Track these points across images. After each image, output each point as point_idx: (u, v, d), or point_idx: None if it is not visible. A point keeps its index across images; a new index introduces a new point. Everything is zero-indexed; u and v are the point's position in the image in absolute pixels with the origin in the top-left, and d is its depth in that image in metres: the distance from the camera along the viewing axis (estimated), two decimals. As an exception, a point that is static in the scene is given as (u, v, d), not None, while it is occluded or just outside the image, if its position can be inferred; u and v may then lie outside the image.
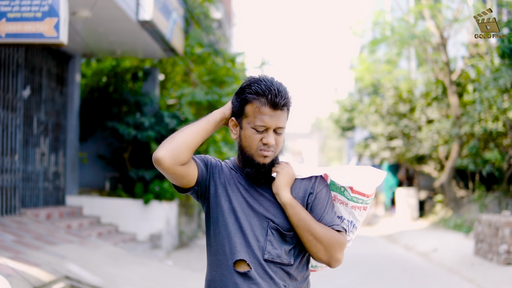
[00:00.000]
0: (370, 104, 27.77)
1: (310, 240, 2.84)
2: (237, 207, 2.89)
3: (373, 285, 11.62)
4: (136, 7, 12.13)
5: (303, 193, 2.93)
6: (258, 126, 2.82)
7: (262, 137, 2.83)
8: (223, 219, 2.89)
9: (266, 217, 2.88)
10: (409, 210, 26.85)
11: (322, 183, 2.98)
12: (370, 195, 3.01)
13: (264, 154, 2.84)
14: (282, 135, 2.89)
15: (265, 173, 2.88)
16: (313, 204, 2.92)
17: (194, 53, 17.04)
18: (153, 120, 14.93)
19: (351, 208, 3.02)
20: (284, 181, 2.87)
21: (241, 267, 2.83)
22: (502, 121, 19.05)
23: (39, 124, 13.20)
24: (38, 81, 13.08)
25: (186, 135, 2.79)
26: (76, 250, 10.36)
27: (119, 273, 9.74)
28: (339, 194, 3.05)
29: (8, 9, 7.21)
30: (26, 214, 11.85)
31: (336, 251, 2.86)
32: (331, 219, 2.92)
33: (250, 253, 2.84)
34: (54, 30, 7.19)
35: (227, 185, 2.94)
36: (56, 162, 14.11)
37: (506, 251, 12.34)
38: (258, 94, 2.80)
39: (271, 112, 2.80)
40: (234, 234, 2.86)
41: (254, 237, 2.86)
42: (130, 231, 14.45)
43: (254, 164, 2.86)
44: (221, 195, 2.93)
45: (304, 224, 2.84)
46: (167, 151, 2.73)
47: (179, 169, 2.77)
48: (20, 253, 8.87)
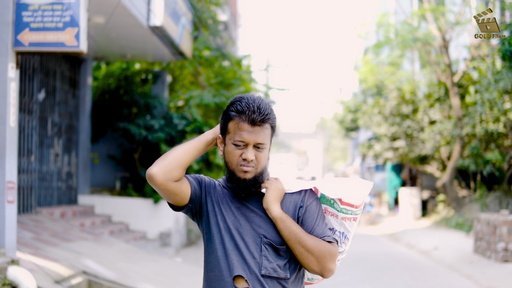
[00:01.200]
0: (374, 105, 28.15)
1: (302, 252, 2.91)
2: (230, 225, 2.96)
3: (375, 281, 12.07)
4: (147, 14, 12.58)
5: (293, 207, 3.00)
6: (238, 141, 2.89)
7: (242, 152, 2.91)
8: (220, 236, 2.97)
9: (258, 233, 2.95)
10: (412, 210, 27.24)
11: (311, 196, 3.05)
12: (359, 205, 3.06)
13: (244, 169, 2.90)
14: (264, 151, 2.94)
15: (246, 188, 2.94)
16: (304, 217, 2.99)
17: (202, 56, 17.50)
18: (162, 122, 15.39)
19: (341, 219, 3.09)
20: (274, 196, 2.95)
21: (239, 283, 2.90)
22: (503, 122, 19.43)
23: (53, 126, 13.68)
24: (52, 84, 13.55)
25: (178, 153, 2.90)
26: (91, 247, 10.85)
27: (132, 268, 10.21)
28: (329, 207, 3.11)
29: (31, 19, 7.67)
30: (41, 212, 12.34)
31: (327, 262, 2.92)
32: (322, 230, 2.99)
33: (247, 270, 2.90)
34: (74, 39, 7.65)
35: (221, 204, 3.01)
36: (69, 163, 14.59)
37: (503, 249, 12.78)
38: (238, 112, 2.89)
39: (250, 128, 2.88)
40: (231, 252, 2.93)
41: (250, 253, 2.92)
42: (141, 229, 14.92)
43: (235, 179, 2.94)
44: (217, 214, 3.00)
45: (295, 237, 2.90)
46: (159, 167, 2.84)
47: (171, 186, 2.88)
48: (39, 249, 9.36)
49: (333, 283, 11.63)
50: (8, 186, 7.63)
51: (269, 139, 2.97)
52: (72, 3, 7.66)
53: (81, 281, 8.72)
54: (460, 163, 21.65)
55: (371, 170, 44.42)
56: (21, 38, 7.65)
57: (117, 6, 11.00)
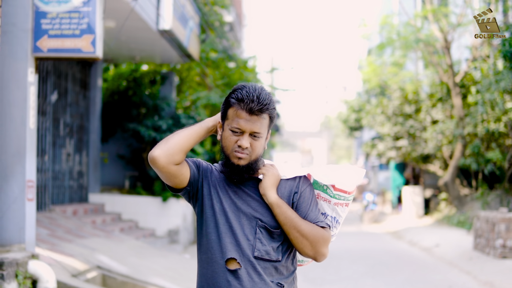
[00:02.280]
0: (377, 105, 28.50)
1: (297, 237, 3.00)
2: (227, 208, 3.05)
3: (377, 276, 12.48)
4: (157, 18, 12.99)
5: (288, 193, 3.10)
6: (234, 128, 2.98)
7: (238, 139, 2.99)
8: (215, 219, 3.06)
9: (254, 216, 3.04)
10: (415, 208, 27.59)
11: (306, 182, 3.16)
12: (351, 192, 3.16)
13: (238, 155, 2.99)
14: (260, 140, 3.02)
15: (239, 174, 3.03)
16: (298, 203, 3.09)
17: (208, 58, 17.94)
18: (170, 122, 15.82)
19: (334, 205, 3.19)
20: (270, 182, 3.04)
21: (231, 265, 3.00)
22: (504, 122, 19.77)
23: (65, 126, 14.12)
24: (64, 86, 13.98)
25: (180, 138, 2.99)
26: (103, 243, 11.28)
27: (143, 264, 10.65)
28: (322, 192, 3.21)
29: (50, 27, 8.09)
30: (55, 210, 12.78)
31: (321, 246, 3.03)
32: (316, 216, 3.08)
33: (240, 252, 3.00)
34: (91, 46, 8.08)
35: (218, 187, 3.10)
36: (80, 162, 15.02)
37: (501, 245, 13.19)
38: (238, 99, 2.97)
39: (247, 117, 2.96)
40: (224, 234, 3.02)
41: (244, 236, 3.01)
42: (150, 226, 15.34)
43: (229, 164, 3.03)
44: (213, 196, 3.09)
45: (290, 222, 3.00)
46: (162, 150, 2.93)
47: (172, 168, 2.96)
48: (55, 245, 9.80)
49: (337, 278, 12.04)
50: (28, 184, 8.07)
51: (266, 129, 3.05)
52: (89, 11, 8.09)
53: (96, 275, 9.16)
54: (461, 162, 22.00)
55: (375, 169, 44.80)
56: (40, 45, 8.08)
57: (130, 12, 11.41)
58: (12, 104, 7.95)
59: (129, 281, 9.26)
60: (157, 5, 12.91)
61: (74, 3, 8.10)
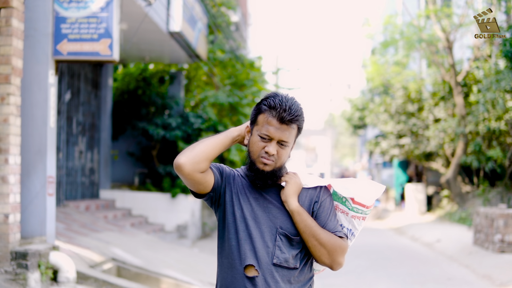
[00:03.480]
0: (381, 103, 28.91)
1: (315, 245, 3.03)
2: (248, 215, 3.09)
3: (379, 270, 12.94)
4: (167, 20, 13.45)
5: (309, 201, 3.13)
6: (263, 135, 3.00)
7: (265, 145, 3.02)
8: (235, 226, 3.09)
9: (275, 223, 3.07)
10: (418, 205, 27.99)
11: (326, 192, 3.19)
12: (370, 206, 3.17)
13: (264, 161, 3.02)
14: (287, 149, 3.07)
15: (263, 179, 3.07)
16: (318, 212, 3.12)
17: (216, 58, 18.42)
18: (179, 121, 16.30)
19: (351, 217, 3.21)
20: (293, 190, 3.08)
21: (250, 272, 3.02)
22: (505, 121, 20.16)
23: (78, 125, 14.59)
24: (77, 85, 14.45)
25: (206, 146, 3.02)
26: (116, 237, 11.77)
27: (155, 256, 11.13)
28: (341, 204, 3.23)
29: (69, 31, 8.57)
30: (69, 205, 13.27)
31: (338, 255, 3.06)
32: (334, 226, 3.12)
33: (259, 259, 3.02)
34: (108, 49, 8.55)
35: (239, 194, 3.13)
36: (91, 159, 15.50)
37: (500, 240, 13.65)
38: (270, 107, 3.00)
39: (278, 125, 2.99)
40: (244, 241, 3.05)
41: (264, 243, 3.04)
42: (159, 222, 15.81)
43: (254, 168, 3.06)
44: (234, 203, 3.12)
45: (309, 230, 3.03)
46: (187, 158, 2.97)
47: (197, 176, 3.00)
48: (72, 238, 10.28)
49: (340, 271, 12.46)
50: (48, 180, 8.55)
51: (293, 138, 3.09)
52: (106, 17, 8.56)
53: (111, 267, 9.64)
54: (463, 160, 22.38)
55: (378, 167, 45.17)
56: (60, 48, 8.56)
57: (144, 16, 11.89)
58: (34, 104, 8.43)
59: (142, 273, 9.73)
60: (168, 8, 13.36)
61: (92, 8, 8.58)
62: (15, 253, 7.48)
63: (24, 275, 7.45)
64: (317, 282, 10.20)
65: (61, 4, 8.57)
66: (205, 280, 10.14)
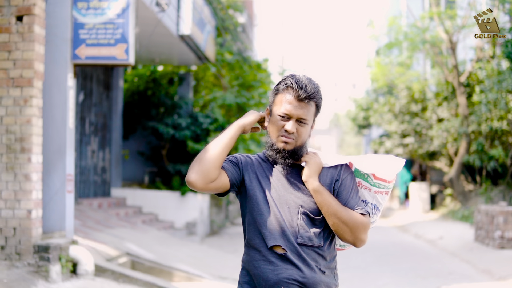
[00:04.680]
0: (385, 103, 29.26)
1: (337, 223, 3.07)
2: (270, 196, 3.13)
3: (383, 265, 13.38)
4: (177, 24, 13.90)
5: (330, 180, 3.17)
6: (282, 113, 3.07)
7: (284, 124, 3.08)
8: (259, 208, 3.14)
9: (297, 203, 3.11)
10: (421, 203, 28.35)
11: (347, 170, 3.23)
12: (391, 180, 3.23)
13: (284, 140, 3.08)
14: (306, 127, 3.12)
15: (284, 158, 3.12)
16: (339, 190, 3.16)
17: (224, 60, 18.90)
18: (189, 121, 16.77)
19: (374, 193, 3.27)
20: (313, 169, 3.11)
21: (277, 250, 3.09)
22: (507, 120, 20.51)
23: (90, 125, 15.06)
24: (89, 87, 14.92)
25: (213, 154, 3.07)
26: (129, 233, 12.24)
27: (167, 251, 11.60)
28: (363, 180, 3.29)
29: (87, 36, 9.03)
30: (82, 203, 13.73)
31: (360, 232, 3.11)
32: (356, 203, 3.16)
33: (285, 238, 3.07)
34: (124, 54, 9.01)
35: (260, 177, 3.19)
36: (103, 158, 15.96)
37: (500, 237, 14.07)
38: (287, 86, 3.09)
39: (295, 103, 3.06)
40: (269, 222, 3.10)
41: (288, 223, 3.09)
42: (169, 219, 16.26)
43: (275, 148, 3.11)
44: (255, 187, 3.18)
45: (331, 209, 3.07)
46: (197, 174, 3.03)
47: (212, 186, 3.08)
48: (88, 234, 10.74)
49: (346, 267, 12.90)
50: (67, 178, 9.02)
51: (312, 116, 3.15)
52: (122, 23, 9.02)
53: (126, 261, 10.10)
54: (466, 159, 22.72)
55: (383, 166, 45.44)
56: (78, 52, 9.02)
57: (155, 21, 12.35)
58: (54, 106, 8.90)
59: (155, 266, 10.19)
60: (178, 11, 13.81)
61: (109, 15, 9.04)
62: (38, 247, 7.94)
63: (46, 267, 7.91)
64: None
65: (79, 10, 9.03)
66: (215, 274, 10.60)
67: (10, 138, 7.91)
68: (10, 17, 7.99)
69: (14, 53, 7.98)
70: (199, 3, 14.87)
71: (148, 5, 11.60)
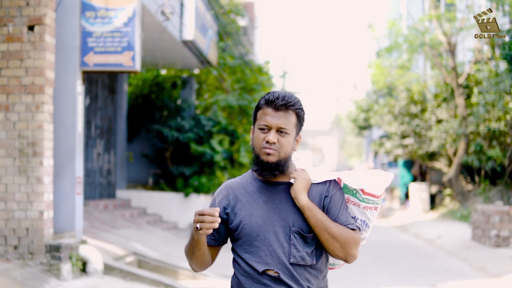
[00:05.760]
0: (385, 105, 29.58)
1: (328, 239, 3.02)
2: (260, 219, 3.08)
3: (382, 264, 13.75)
4: (180, 29, 14.28)
5: (319, 197, 3.11)
6: (262, 125, 3.05)
7: (265, 136, 3.05)
8: (247, 237, 3.10)
9: (287, 223, 3.07)
10: (421, 203, 28.67)
11: (336, 186, 3.17)
12: (380, 195, 3.18)
13: (266, 151, 3.03)
14: (287, 137, 3.07)
15: (269, 171, 3.07)
16: (329, 206, 3.10)
17: (226, 64, 19.31)
18: (192, 123, 17.16)
19: (363, 208, 3.21)
20: (302, 186, 3.06)
21: (270, 273, 3.04)
22: (504, 121, 20.86)
23: (96, 128, 15.43)
24: (95, 91, 15.29)
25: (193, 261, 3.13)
26: (135, 233, 12.62)
27: (172, 251, 11.98)
28: (352, 196, 3.22)
29: (95, 44, 9.41)
30: (89, 205, 14.10)
31: (351, 248, 3.05)
32: (346, 218, 3.11)
33: (277, 260, 3.03)
34: (131, 61, 9.39)
35: (246, 204, 3.14)
36: (108, 161, 16.34)
37: (495, 235, 14.46)
38: (265, 100, 3.08)
39: (273, 113, 3.03)
40: (259, 248, 3.07)
41: (279, 243, 3.05)
42: (173, 220, 16.65)
43: (259, 161, 3.08)
44: (243, 214, 3.12)
45: (321, 225, 3.02)
46: (197, 269, 3.19)
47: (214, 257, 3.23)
48: (96, 234, 11.12)
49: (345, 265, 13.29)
50: (77, 180, 9.40)
51: (293, 126, 3.10)
52: (129, 31, 9.41)
53: (133, 260, 10.48)
54: (464, 159, 23.04)
55: (384, 166, 45.84)
56: (87, 60, 9.40)
57: (159, 27, 12.74)
58: (64, 111, 9.28)
59: (161, 265, 10.58)
60: (181, 18, 14.19)
61: (116, 24, 9.42)
62: (49, 246, 8.32)
63: (58, 266, 8.28)
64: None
65: (88, 19, 9.41)
66: (219, 273, 10.97)
67: (22, 142, 8.28)
68: (22, 27, 8.36)
69: (26, 61, 8.35)
70: (201, 9, 15.25)
71: (153, 14, 11.99)
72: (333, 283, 11.39)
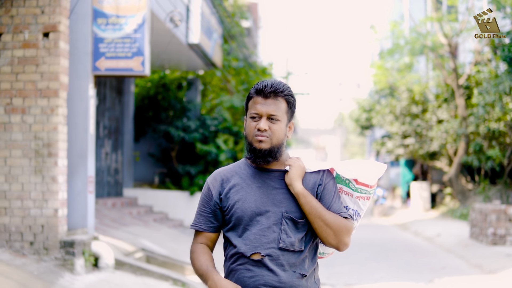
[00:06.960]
0: (386, 105, 29.94)
1: (321, 226, 3.06)
2: (253, 204, 3.12)
3: (381, 260, 14.18)
4: (186, 33, 14.71)
5: (312, 185, 3.15)
6: (253, 114, 3.09)
7: (257, 124, 3.08)
8: (241, 217, 3.12)
9: (280, 208, 3.11)
10: (422, 202, 29.10)
11: (329, 175, 3.21)
12: (373, 185, 3.22)
13: (258, 139, 3.07)
14: (279, 124, 3.10)
15: (262, 157, 3.11)
16: (322, 194, 3.15)
17: (230, 66, 19.75)
18: (198, 123, 17.61)
19: (356, 198, 3.25)
20: (297, 173, 3.11)
21: (255, 256, 3.07)
22: (504, 122, 21.21)
23: (104, 129, 15.86)
24: (103, 92, 15.72)
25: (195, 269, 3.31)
26: (143, 231, 13.07)
27: (179, 247, 12.42)
28: (345, 186, 3.26)
29: (106, 50, 9.85)
30: (98, 203, 14.51)
31: (344, 236, 3.09)
32: (339, 207, 3.14)
33: (266, 244, 3.07)
34: (141, 66, 9.83)
35: (240, 188, 3.18)
36: (116, 160, 16.78)
37: (492, 233, 14.89)
38: (255, 90, 3.12)
39: (263, 101, 3.07)
40: (249, 232, 3.10)
41: (270, 228, 3.08)
42: (178, 218, 17.08)
43: (252, 149, 3.11)
44: (236, 198, 3.17)
45: (315, 211, 3.06)
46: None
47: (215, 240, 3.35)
48: (106, 231, 11.56)
49: (345, 261, 13.71)
50: (89, 180, 9.85)
51: (283, 113, 3.13)
52: (139, 37, 9.85)
53: (141, 256, 10.92)
54: (464, 159, 23.39)
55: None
56: (98, 65, 9.85)
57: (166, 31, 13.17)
58: (77, 114, 9.73)
59: (169, 261, 11.02)
60: (187, 22, 14.61)
61: (127, 30, 9.87)
62: (64, 242, 8.75)
63: (72, 261, 8.72)
64: (323, 271, 11.47)
65: (99, 26, 9.85)
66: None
67: (38, 144, 8.72)
68: (37, 34, 8.79)
69: (41, 66, 8.78)
70: (206, 12, 15.68)
71: (162, 20, 12.44)
72: (334, 279, 11.81)
